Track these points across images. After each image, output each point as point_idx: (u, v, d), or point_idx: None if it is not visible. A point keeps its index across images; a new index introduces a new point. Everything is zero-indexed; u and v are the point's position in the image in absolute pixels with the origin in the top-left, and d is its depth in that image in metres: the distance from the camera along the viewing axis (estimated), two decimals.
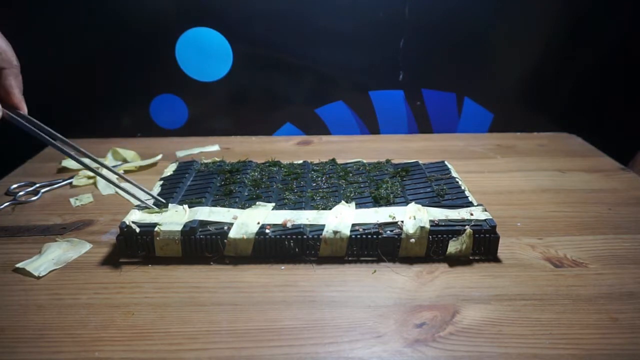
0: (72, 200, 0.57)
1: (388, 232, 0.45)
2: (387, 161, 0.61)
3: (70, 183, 0.62)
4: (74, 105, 0.81)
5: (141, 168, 0.68)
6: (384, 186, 0.53)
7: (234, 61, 0.77)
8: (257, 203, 0.48)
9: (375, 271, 0.44)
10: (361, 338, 0.36)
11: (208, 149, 0.75)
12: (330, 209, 0.48)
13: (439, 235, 0.44)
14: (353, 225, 0.45)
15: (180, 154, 0.73)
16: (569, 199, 0.58)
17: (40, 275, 0.43)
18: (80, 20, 0.75)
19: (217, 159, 0.62)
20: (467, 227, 0.44)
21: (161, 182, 0.56)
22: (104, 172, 0.50)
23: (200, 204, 0.49)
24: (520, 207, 0.56)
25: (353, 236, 0.44)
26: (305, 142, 0.79)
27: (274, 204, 0.48)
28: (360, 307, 0.39)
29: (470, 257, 0.45)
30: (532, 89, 0.83)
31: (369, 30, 0.78)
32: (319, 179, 0.56)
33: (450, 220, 0.45)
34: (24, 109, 0.46)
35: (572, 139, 0.79)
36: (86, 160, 0.49)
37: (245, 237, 0.44)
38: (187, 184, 0.55)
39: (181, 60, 0.77)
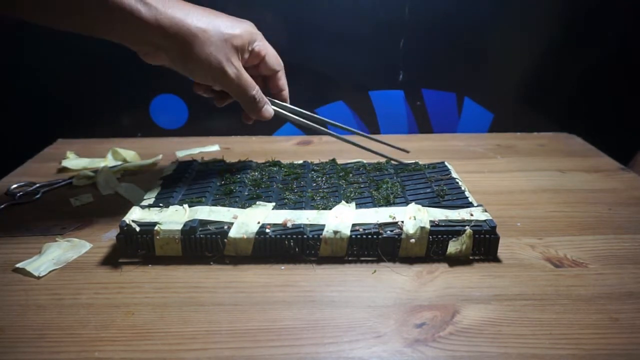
0: (72, 200, 0.57)
1: (388, 232, 0.45)
2: (387, 161, 0.61)
3: (70, 183, 0.62)
4: (74, 105, 0.81)
5: (141, 168, 0.68)
6: (384, 186, 0.53)
7: None
8: (257, 203, 0.48)
9: (375, 271, 0.44)
10: (361, 338, 0.36)
11: (208, 149, 0.75)
12: (330, 209, 0.48)
13: (439, 236, 0.44)
14: (353, 225, 0.45)
15: (180, 154, 0.73)
16: (569, 199, 0.58)
17: (40, 275, 0.43)
18: None
19: (217, 159, 0.62)
20: (467, 227, 0.44)
21: (161, 182, 0.56)
22: None
23: (200, 203, 0.49)
24: (520, 207, 0.56)
25: (353, 236, 0.44)
26: (305, 142, 0.79)
27: (274, 204, 0.48)
28: (360, 307, 0.39)
29: (470, 257, 0.45)
30: (532, 89, 0.83)
31: (369, 30, 0.78)
32: (319, 179, 0.56)
33: (450, 221, 0.45)
34: (288, 102, 0.56)
35: (572, 139, 0.79)
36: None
37: (245, 236, 0.44)
38: (187, 184, 0.55)
39: None
